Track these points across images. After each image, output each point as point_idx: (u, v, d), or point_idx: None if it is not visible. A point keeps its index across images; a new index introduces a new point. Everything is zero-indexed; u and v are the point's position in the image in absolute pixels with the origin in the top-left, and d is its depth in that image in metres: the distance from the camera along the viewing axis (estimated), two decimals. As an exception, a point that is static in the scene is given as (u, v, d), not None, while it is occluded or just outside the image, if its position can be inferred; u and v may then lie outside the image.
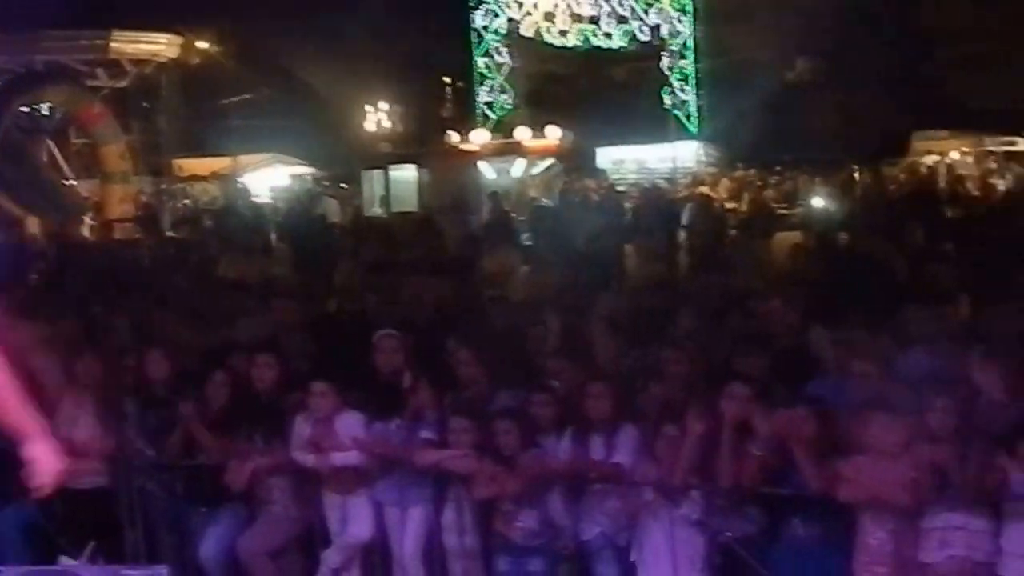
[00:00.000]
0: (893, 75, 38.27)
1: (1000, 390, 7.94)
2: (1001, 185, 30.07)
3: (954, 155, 37.72)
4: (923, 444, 7.50)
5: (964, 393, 7.87)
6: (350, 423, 9.10)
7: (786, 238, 18.99)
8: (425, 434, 8.96)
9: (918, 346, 9.07)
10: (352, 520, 9.10)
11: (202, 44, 39.49)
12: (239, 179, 38.27)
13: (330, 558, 9.11)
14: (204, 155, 40.53)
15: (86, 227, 29.92)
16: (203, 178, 40.25)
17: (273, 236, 23.25)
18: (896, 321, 9.74)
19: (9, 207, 28.25)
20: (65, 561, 8.43)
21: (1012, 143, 38.35)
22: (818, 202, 25.67)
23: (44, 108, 34.58)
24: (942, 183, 30.05)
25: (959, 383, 8.02)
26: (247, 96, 40.03)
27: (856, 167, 32.56)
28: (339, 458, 9.02)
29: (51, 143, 35.67)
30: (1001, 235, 15.37)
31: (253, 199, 35.59)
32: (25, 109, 33.29)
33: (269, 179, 38.78)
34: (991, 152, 37.61)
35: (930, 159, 37.07)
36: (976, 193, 27.89)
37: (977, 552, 7.36)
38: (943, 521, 7.42)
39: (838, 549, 7.78)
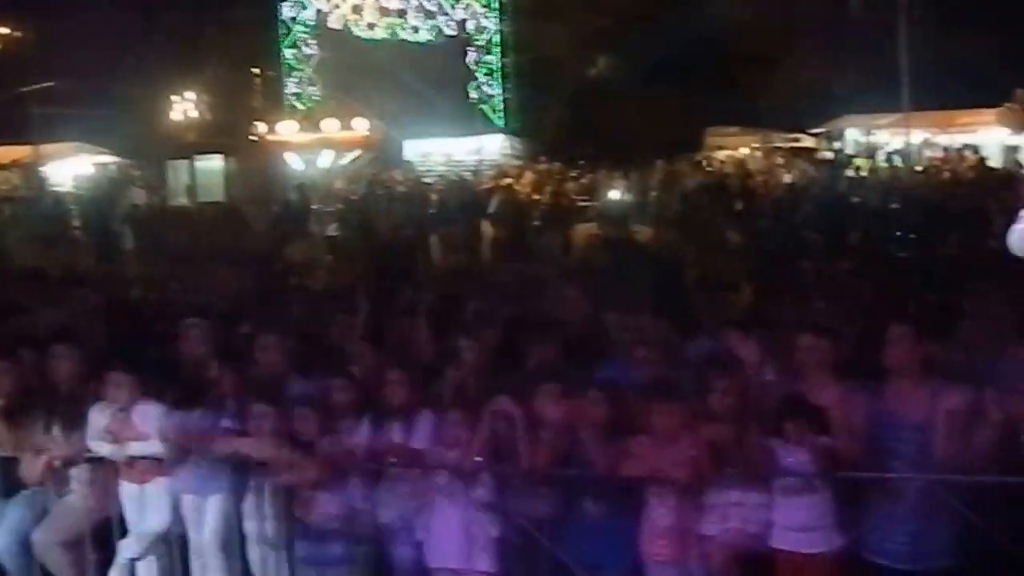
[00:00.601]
0: (688, 73, 39.09)
1: (766, 369, 8.33)
2: (787, 179, 31.07)
3: (744, 151, 38.88)
4: (703, 424, 7.84)
5: (741, 375, 8.22)
6: (148, 413, 9.06)
7: (586, 229, 19.39)
8: (226, 423, 8.97)
9: (702, 332, 9.42)
10: (150, 509, 9.06)
11: (2, 30, 38.48)
12: (41, 168, 37.41)
13: (127, 548, 9.08)
14: (4, 143, 39.49)
15: None
16: (3, 167, 39.25)
17: (75, 225, 22.87)
18: (683, 308, 10.09)
19: None
20: None
21: (797, 140, 39.71)
22: (616, 195, 26.20)
23: None
24: (732, 178, 30.87)
25: (737, 366, 8.35)
26: (49, 84, 39.02)
27: (652, 162, 33.30)
28: (136, 447, 8.98)
29: None
30: (786, 227, 15.95)
31: (55, 188, 34.84)
32: None
33: (73, 168, 37.96)
34: (778, 148, 38.86)
35: (722, 154, 38.14)
36: (763, 188, 28.76)
37: (752, 525, 7.73)
38: (722, 497, 7.78)
39: (627, 526, 8.06)
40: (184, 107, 43.51)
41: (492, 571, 8.37)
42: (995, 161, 33.93)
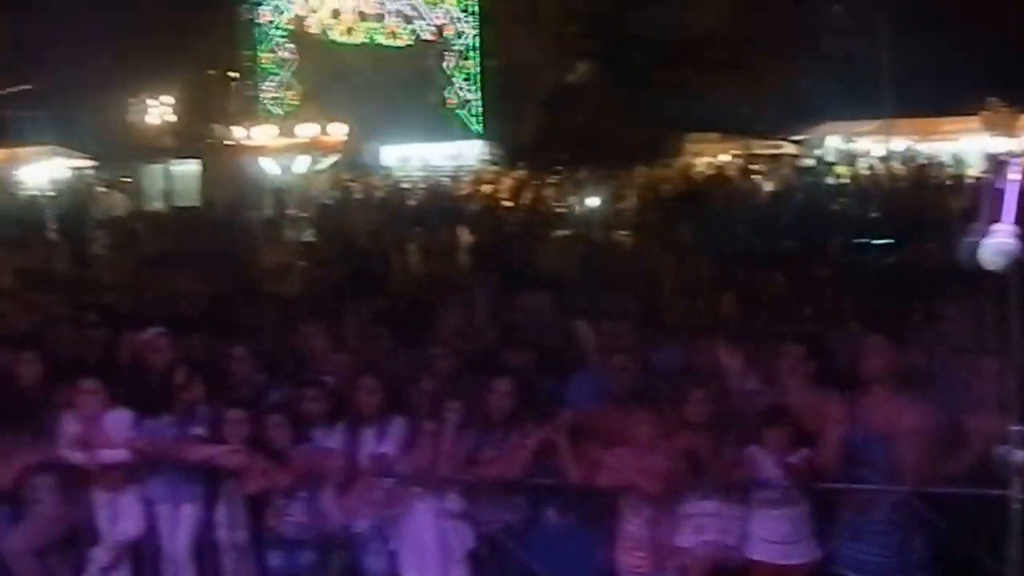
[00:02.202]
0: (667, 79, 39.16)
1: (746, 378, 8.29)
2: (766, 187, 31.10)
3: (723, 157, 38.94)
4: (678, 434, 7.80)
5: (717, 384, 8.19)
6: (119, 420, 9.01)
7: (562, 236, 19.38)
8: (196, 430, 8.93)
9: (676, 339, 9.40)
10: (121, 517, 9.01)
11: (-25, 33, 38.28)
12: (14, 171, 37.25)
13: (99, 556, 9.01)
14: (-24, 146, 39.32)
15: None
16: (-25, 169, 39.07)
17: (49, 229, 22.74)
18: (658, 315, 10.08)
19: None
20: None
21: (777, 147, 39.80)
22: (593, 202, 26.18)
23: None
24: (710, 184, 30.91)
25: (713, 375, 8.33)
26: (24, 87, 38.83)
27: (630, 168, 33.33)
28: (108, 455, 8.92)
29: None
30: (765, 234, 15.96)
31: (29, 191, 34.69)
32: None
33: (47, 172, 37.81)
34: (758, 155, 38.93)
35: (701, 161, 38.19)
36: (742, 194, 28.79)
37: (729, 536, 7.72)
38: (698, 508, 7.75)
39: (594, 536, 8.05)
40: (160, 111, 43.40)
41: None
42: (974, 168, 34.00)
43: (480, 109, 45.43)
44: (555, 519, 8.14)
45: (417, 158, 42.72)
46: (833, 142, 39.36)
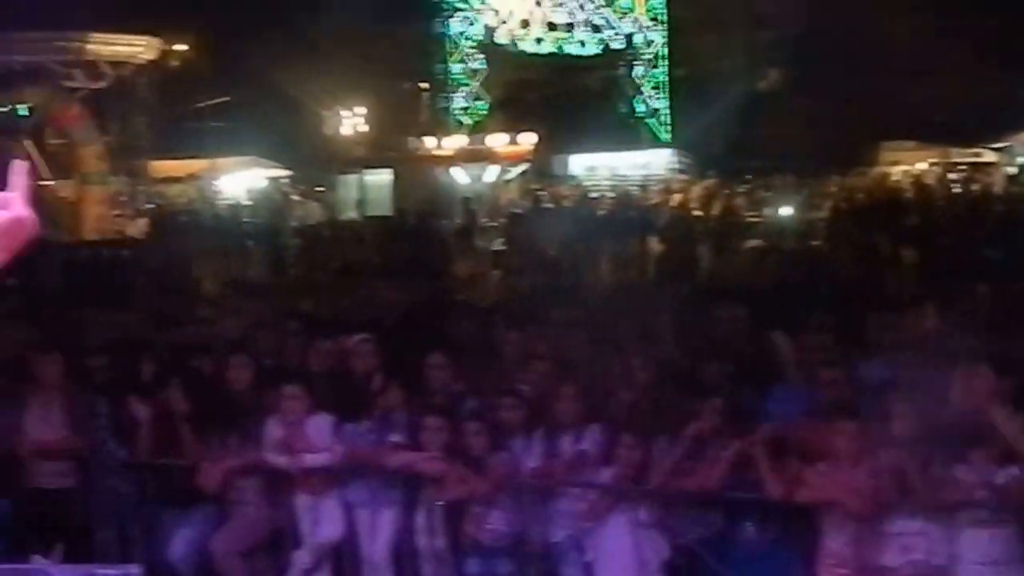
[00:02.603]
0: (862, 85, 38.48)
1: (967, 400, 8.07)
2: (966, 196, 30.31)
3: (921, 166, 38.01)
4: (884, 451, 7.65)
5: (925, 401, 7.99)
6: (321, 425, 9.18)
7: (754, 246, 19.17)
8: (394, 437, 9.05)
9: (879, 354, 9.21)
10: (323, 521, 9.16)
11: (179, 47, 39.41)
12: (214, 181, 38.25)
13: (301, 558, 9.17)
14: (180, 157, 40.45)
15: (62, 228, 29.88)
16: (179, 180, 40.19)
17: (248, 239, 23.28)
18: (858, 329, 9.88)
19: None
20: (38, 560, 8.49)
21: (978, 155, 38.67)
22: (786, 211, 25.84)
23: (22, 108, 34.51)
24: (908, 194, 30.22)
25: (920, 391, 8.14)
26: (224, 99, 39.85)
27: (823, 176, 32.81)
28: (310, 460, 9.09)
29: (28, 143, 35.52)
30: (964, 245, 15.57)
31: (228, 201, 35.58)
32: (2, 109, 33.17)
33: (245, 182, 38.76)
34: (957, 164, 37.93)
35: (897, 170, 37.32)
36: (941, 204, 28.11)
37: (936, 557, 7.53)
38: (904, 526, 7.58)
39: (794, 553, 7.94)
40: (354, 122, 44.11)
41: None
42: None
43: (669, 118, 45.23)
44: (753, 534, 8.06)
45: (605, 167, 42.65)
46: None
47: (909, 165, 37.99)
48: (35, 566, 7.84)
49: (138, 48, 36.63)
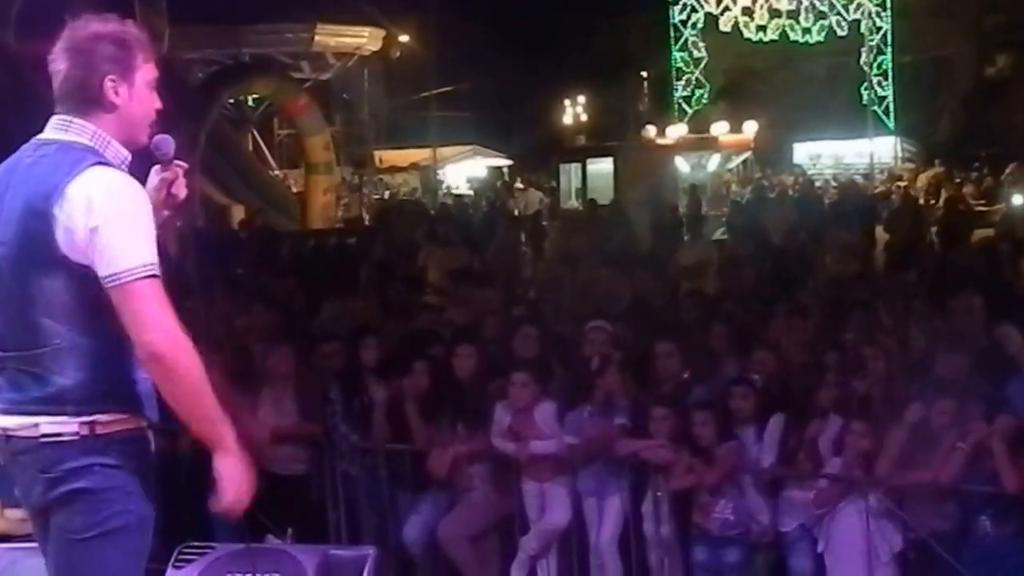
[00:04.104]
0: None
1: None
2: None
3: None
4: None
5: None
6: (549, 413, 9.23)
7: (983, 235, 18.67)
8: (619, 420, 9.06)
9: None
10: (550, 507, 9.21)
11: (403, 37, 40.08)
12: (438, 170, 38.85)
13: (528, 544, 9.24)
14: (404, 146, 41.18)
15: (291, 217, 30.68)
16: (403, 169, 40.94)
17: (472, 227, 23.55)
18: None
19: (217, 197, 29.05)
20: (272, 540, 8.75)
21: None
22: (1018, 199, 25.11)
23: (250, 100, 35.49)
24: None
25: None
26: (447, 89, 40.37)
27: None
28: (539, 447, 9.16)
29: (256, 134, 36.55)
30: None
31: (452, 190, 36.11)
32: (232, 101, 34.12)
33: (467, 170, 39.27)
34: None
35: None
36: None
37: None
38: None
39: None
40: (575, 110, 44.33)
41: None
42: None
43: (894, 105, 44.30)
44: (990, 528, 7.83)
45: (830, 155, 42.06)
46: None
47: None
48: (272, 546, 8.08)
49: (363, 39, 37.39)
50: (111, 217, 4.12)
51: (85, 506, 4.24)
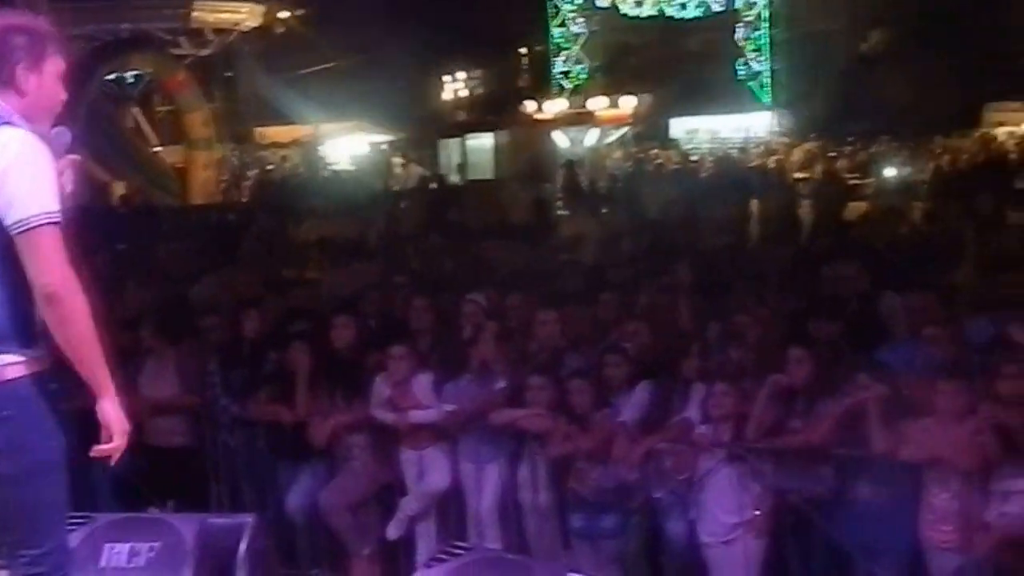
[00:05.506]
0: (965, 47, 37.93)
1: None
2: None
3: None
4: (989, 408, 7.60)
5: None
6: (426, 383, 9.34)
7: (857, 207, 19.08)
8: (500, 393, 9.17)
9: (985, 312, 9.19)
10: (429, 472, 9.34)
11: (283, 13, 39.75)
12: (319, 146, 38.66)
13: (408, 505, 9.38)
14: (285, 123, 40.92)
15: (171, 193, 30.41)
16: (284, 145, 40.68)
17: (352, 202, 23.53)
18: (964, 288, 9.87)
19: (97, 173, 28.68)
20: (153, 511, 8.78)
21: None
22: (890, 172, 25.65)
23: (129, 76, 35.04)
24: (1013, 155, 29.79)
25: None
26: (328, 65, 40.19)
27: (927, 138, 32.46)
28: (418, 416, 9.26)
29: (136, 110, 36.08)
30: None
31: (332, 166, 35.95)
32: (111, 76, 33.68)
33: (349, 146, 39.12)
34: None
35: (1002, 131, 36.74)
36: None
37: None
38: (1006, 484, 7.52)
39: (905, 510, 7.90)
40: (455, 86, 44.33)
41: (764, 548, 8.34)
42: None
43: (770, 80, 44.92)
44: (866, 492, 8.03)
45: (706, 130, 42.53)
46: None
47: (1014, 125, 37.40)
48: (152, 515, 8.12)
49: (242, 15, 37.02)
50: (18, 165, 4.39)
51: (11, 449, 4.48)
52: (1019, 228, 14.10)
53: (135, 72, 34.60)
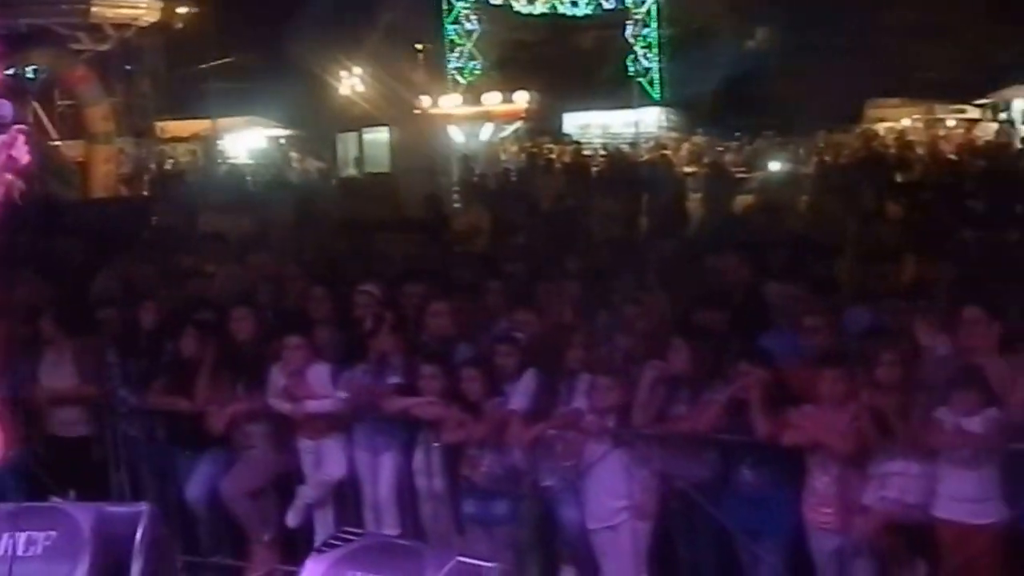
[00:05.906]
0: (848, 44, 38.67)
1: (940, 345, 8.33)
2: (948, 151, 30.53)
3: (905, 122, 38.24)
4: (867, 394, 7.87)
5: (907, 347, 8.23)
6: (322, 373, 9.49)
7: (744, 200, 19.46)
8: (393, 379, 9.33)
9: (864, 302, 9.48)
10: (325, 461, 9.49)
11: (182, 9, 39.48)
12: (218, 141, 38.48)
13: (305, 493, 9.53)
14: (185, 117, 40.68)
15: (71, 186, 30.16)
16: (184, 139, 40.44)
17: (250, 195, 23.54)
18: (844, 278, 10.17)
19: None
20: (53, 500, 8.81)
21: (961, 111, 38.90)
22: (775, 166, 26.12)
23: (28, 71, 34.65)
24: (892, 149, 30.49)
25: (902, 337, 8.38)
26: (227, 60, 40.01)
27: (811, 133, 33.09)
28: (313, 406, 9.42)
29: (36, 105, 35.70)
30: (946, 198, 15.81)
31: (230, 160, 35.81)
32: (9, 71, 33.26)
33: (247, 141, 38.98)
34: (941, 119, 38.17)
35: (883, 126, 37.57)
36: (924, 158, 28.34)
37: (911, 495, 7.74)
38: (886, 467, 7.80)
39: (787, 494, 8.18)
40: (351, 82, 44.20)
41: (651, 532, 8.56)
42: None
43: (659, 76, 45.40)
44: (749, 477, 8.25)
45: (597, 125, 42.89)
46: (1021, 106, 38.41)
47: (894, 121, 38.29)
48: (49, 504, 8.16)
49: (140, 10, 36.74)
50: None
51: None
52: (898, 221, 14.50)
53: (34, 67, 34.22)
